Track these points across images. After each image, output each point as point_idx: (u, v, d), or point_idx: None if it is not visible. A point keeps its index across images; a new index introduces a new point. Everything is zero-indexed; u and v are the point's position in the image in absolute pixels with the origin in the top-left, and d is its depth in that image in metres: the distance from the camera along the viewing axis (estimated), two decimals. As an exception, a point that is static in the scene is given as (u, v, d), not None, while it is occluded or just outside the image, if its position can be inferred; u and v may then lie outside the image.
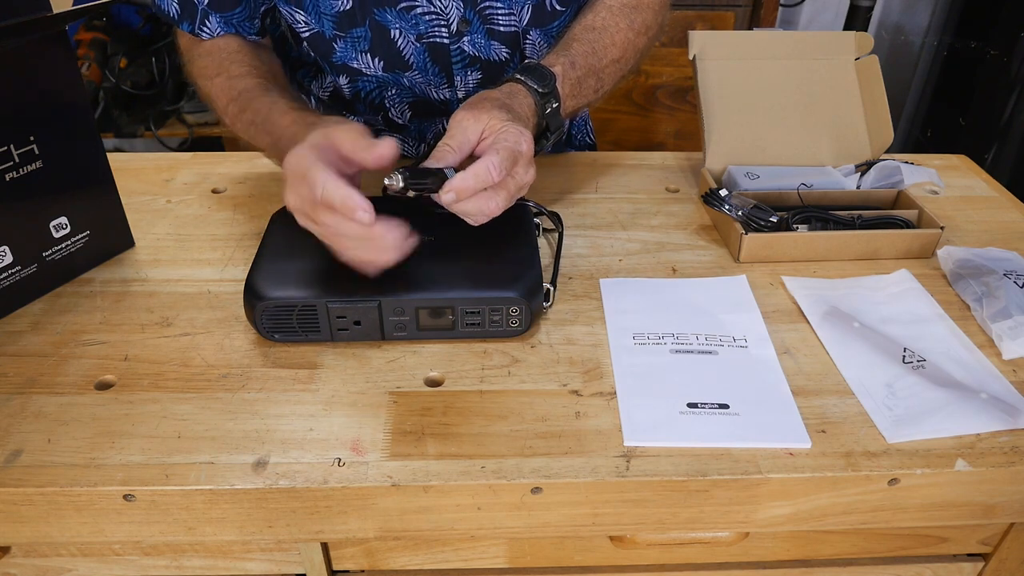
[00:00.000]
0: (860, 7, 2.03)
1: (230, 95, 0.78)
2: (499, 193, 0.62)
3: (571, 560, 0.65)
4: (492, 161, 0.60)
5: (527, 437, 0.56)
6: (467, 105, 0.66)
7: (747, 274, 0.73)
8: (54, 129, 0.67)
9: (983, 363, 0.63)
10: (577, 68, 0.76)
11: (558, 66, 0.74)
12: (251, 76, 0.78)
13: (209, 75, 0.80)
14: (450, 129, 0.64)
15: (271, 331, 0.63)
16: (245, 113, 0.76)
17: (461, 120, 0.64)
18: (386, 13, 0.80)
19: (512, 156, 0.62)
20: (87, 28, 1.78)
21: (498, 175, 0.61)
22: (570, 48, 0.77)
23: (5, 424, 0.56)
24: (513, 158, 0.62)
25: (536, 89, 0.71)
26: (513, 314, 0.63)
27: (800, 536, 0.64)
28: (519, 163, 0.63)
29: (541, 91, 0.71)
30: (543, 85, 0.72)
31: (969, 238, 0.80)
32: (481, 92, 0.70)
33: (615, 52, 0.81)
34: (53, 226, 0.69)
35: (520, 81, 0.72)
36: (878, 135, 0.87)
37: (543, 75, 0.72)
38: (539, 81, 0.72)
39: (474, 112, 0.64)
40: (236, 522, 0.54)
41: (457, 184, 0.60)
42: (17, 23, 0.62)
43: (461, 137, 0.63)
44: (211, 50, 0.81)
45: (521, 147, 0.63)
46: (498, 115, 0.64)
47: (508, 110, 0.66)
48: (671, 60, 1.75)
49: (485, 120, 0.64)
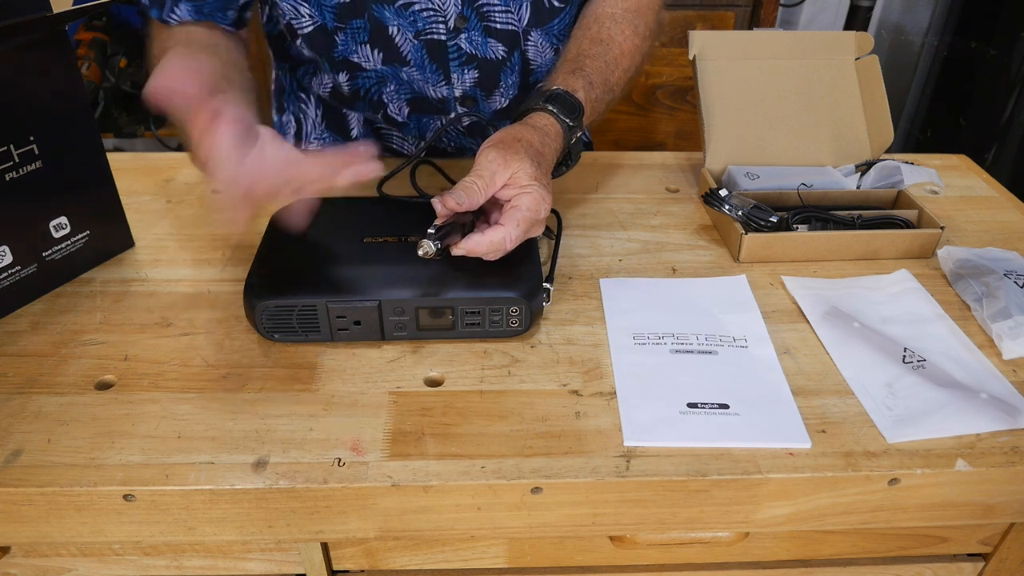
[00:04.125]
0: (860, 7, 2.03)
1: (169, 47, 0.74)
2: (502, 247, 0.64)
3: (571, 560, 0.65)
4: (510, 234, 0.63)
5: (527, 437, 0.56)
6: (499, 144, 0.66)
7: (747, 274, 0.73)
8: (54, 129, 0.67)
9: (983, 363, 0.63)
10: (595, 87, 0.77)
11: (580, 91, 0.74)
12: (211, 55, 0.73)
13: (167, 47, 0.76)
14: (478, 167, 0.64)
15: (271, 331, 0.63)
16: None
17: (492, 162, 0.64)
18: (384, 9, 0.80)
19: (529, 224, 0.64)
20: (87, 28, 1.78)
21: (511, 246, 0.63)
22: (584, 66, 0.77)
23: (5, 424, 0.56)
24: (530, 225, 0.64)
25: (567, 123, 0.72)
26: (513, 314, 0.63)
27: (800, 536, 0.64)
28: (534, 227, 0.65)
29: (571, 124, 0.72)
30: (572, 118, 0.72)
31: (969, 238, 0.80)
32: (514, 129, 0.69)
33: (625, 62, 0.82)
34: (53, 226, 0.69)
35: (552, 113, 0.72)
36: (878, 135, 0.87)
37: (572, 106, 0.73)
38: (569, 113, 0.72)
39: (505, 156, 0.64)
40: (236, 522, 0.54)
41: (470, 247, 0.62)
42: (17, 23, 0.62)
43: (489, 178, 0.64)
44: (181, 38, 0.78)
45: (539, 214, 0.65)
46: (528, 168, 0.64)
47: (539, 161, 0.66)
48: (671, 60, 1.75)
49: (514, 168, 0.64)
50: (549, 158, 0.69)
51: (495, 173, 0.64)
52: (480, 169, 0.64)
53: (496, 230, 0.63)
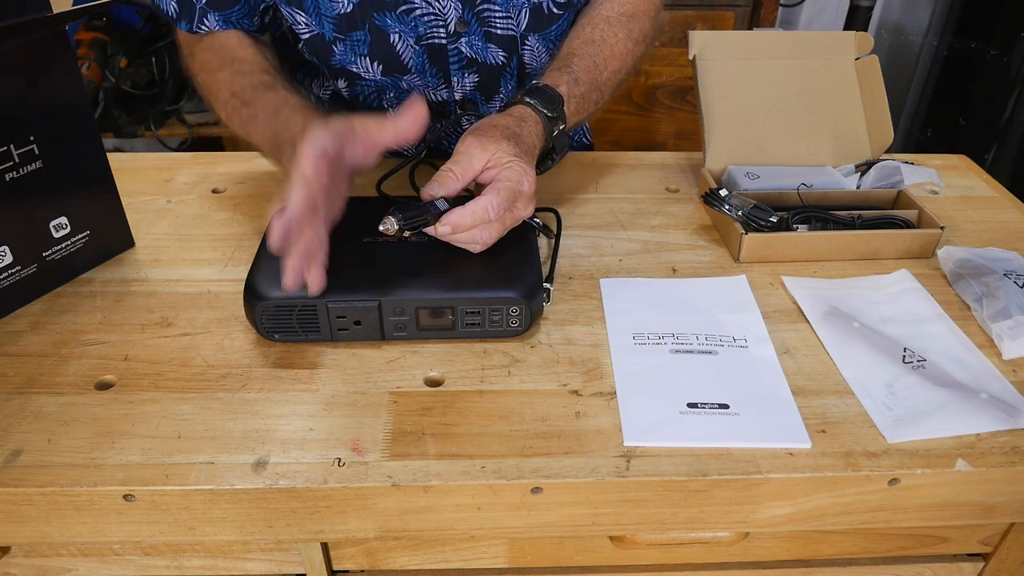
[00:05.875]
0: (860, 7, 2.03)
1: (233, 89, 0.77)
2: (493, 225, 0.63)
3: (571, 560, 0.65)
4: (492, 202, 0.62)
5: (527, 437, 0.56)
6: (475, 131, 0.66)
7: (747, 274, 0.73)
8: (54, 129, 0.67)
9: (983, 363, 0.63)
10: (581, 84, 0.77)
11: (563, 85, 0.74)
12: (257, 72, 0.78)
13: (212, 69, 0.80)
14: (456, 155, 0.65)
15: (271, 331, 0.63)
16: (247, 107, 0.75)
17: (468, 147, 0.64)
18: (385, 17, 0.80)
19: (512, 195, 0.63)
20: (87, 28, 1.78)
21: (495, 215, 0.63)
22: (571, 64, 0.78)
23: (5, 424, 0.56)
24: (512, 197, 0.64)
25: (545, 113, 0.72)
26: (513, 314, 0.63)
27: (800, 536, 0.64)
28: (518, 200, 0.64)
29: (549, 115, 0.72)
30: (551, 109, 0.72)
31: (969, 238, 0.80)
32: (490, 117, 0.70)
33: (615, 63, 0.82)
34: (53, 226, 0.69)
35: (530, 104, 0.72)
36: (878, 135, 0.87)
37: (551, 98, 0.73)
38: (547, 104, 0.72)
39: (481, 140, 0.65)
40: (236, 522, 0.54)
41: (454, 219, 0.62)
42: (17, 23, 0.62)
43: (466, 164, 0.64)
44: (214, 45, 0.81)
45: (523, 186, 0.64)
46: (505, 147, 0.65)
47: (516, 141, 0.66)
48: (671, 60, 1.75)
49: (492, 150, 0.64)
50: (528, 142, 0.69)
51: (472, 157, 0.64)
52: (456, 156, 0.64)
53: (477, 200, 0.62)
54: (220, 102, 0.79)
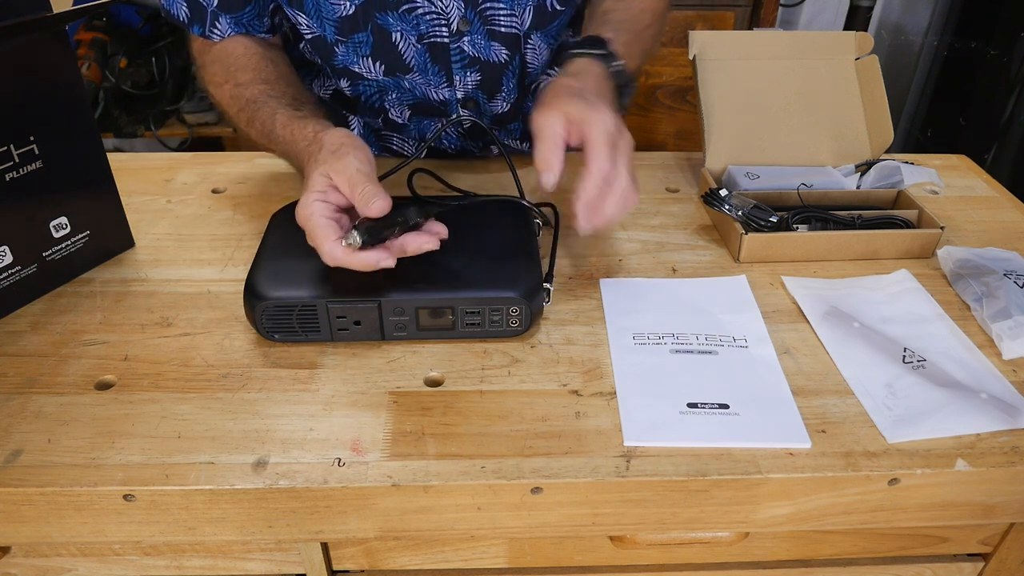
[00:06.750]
0: (860, 7, 2.03)
1: (239, 104, 0.79)
2: (619, 176, 0.62)
3: (571, 560, 0.65)
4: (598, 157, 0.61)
5: (527, 437, 0.56)
6: (543, 104, 0.65)
7: (747, 274, 0.73)
8: (54, 129, 0.67)
9: (983, 363, 0.63)
10: (622, 33, 0.78)
11: (607, 33, 0.76)
12: (255, 84, 0.78)
13: (219, 82, 0.81)
14: (538, 132, 0.64)
15: (271, 331, 0.63)
16: (254, 123, 0.77)
17: (544, 118, 0.63)
18: (387, 16, 0.81)
19: (607, 139, 0.62)
20: (87, 28, 1.78)
21: (608, 163, 0.61)
22: (607, 19, 0.80)
23: (5, 424, 0.56)
24: (610, 141, 0.62)
25: (593, 53, 0.72)
26: (513, 314, 0.63)
27: (800, 536, 0.64)
28: (619, 141, 0.63)
29: (600, 54, 0.72)
30: (599, 48, 0.73)
31: (969, 238, 0.80)
32: (552, 83, 0.69)
33: (647, 18, 0.84)
34: (53, 226, 0.69)
35: (579, 55, 0.72)
36: (878, 135, 0.87)
37: (595, 42, 0.74)
38: (593, 47, 0.73)
39: (551, 110, 0.64)
40: (236, 522, 0.54)
41: (586, 198, 0.61)
42: (17, 23, 0.62)
43: (551, 134, 0.63)
44: (219, 56, 0.82)
45: (608, 126, 0.62)
46: (575, 104, 0.63)
47: (580, 95, 0.65)
48: (671, 60, 1.75)
49: (563, 110, 0.63)
50: (592, 88, 0.68)
51: (552, 125, 0.63)
52: (540, 133, 0.63)
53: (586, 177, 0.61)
54: (232, 115, 0.81)
